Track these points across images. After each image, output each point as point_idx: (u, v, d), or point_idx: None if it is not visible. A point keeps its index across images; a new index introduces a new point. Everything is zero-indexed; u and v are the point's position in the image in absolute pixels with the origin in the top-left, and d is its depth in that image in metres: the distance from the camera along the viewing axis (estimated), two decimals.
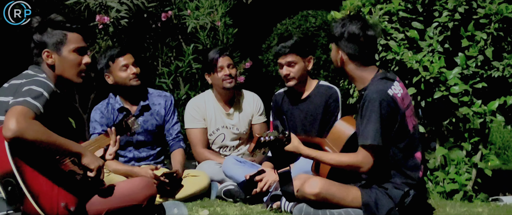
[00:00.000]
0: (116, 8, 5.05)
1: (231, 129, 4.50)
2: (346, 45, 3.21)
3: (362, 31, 3.20)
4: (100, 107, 4.30)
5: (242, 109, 4.53)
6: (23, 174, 2.56)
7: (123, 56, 4.18)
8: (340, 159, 3.21)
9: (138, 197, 2.96)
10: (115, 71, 4.18)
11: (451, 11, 4.10)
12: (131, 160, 4.29)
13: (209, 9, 5.39)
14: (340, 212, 3.16)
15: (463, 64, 4.06)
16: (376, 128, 3.07)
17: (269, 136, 3.22)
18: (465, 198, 4.01)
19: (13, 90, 2.72)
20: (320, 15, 6.35)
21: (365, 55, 3.24)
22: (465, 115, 4.08)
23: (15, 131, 2.49)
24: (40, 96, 2.64)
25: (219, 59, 4.37)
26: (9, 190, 2.54)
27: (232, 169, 4.19)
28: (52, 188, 2.65)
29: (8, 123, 2.50)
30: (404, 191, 3.15)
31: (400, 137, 3.16)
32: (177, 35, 5.54)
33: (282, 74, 4.10)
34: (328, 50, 5.86)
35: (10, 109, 2.55)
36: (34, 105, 2.59)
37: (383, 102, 3.08)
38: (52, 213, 2.61)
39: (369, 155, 3.11)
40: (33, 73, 2.84)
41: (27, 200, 2.55)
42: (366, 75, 3.23)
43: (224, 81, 4.37)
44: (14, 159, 2.55)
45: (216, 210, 3.63)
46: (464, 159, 4.13)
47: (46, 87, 2.70)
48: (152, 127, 4.28)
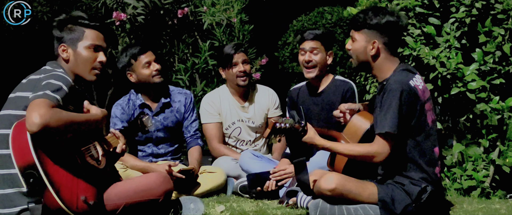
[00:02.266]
0: (133, 5, 5.09)
1: (246, 123, 4.52)
2: (383, 33, 3.21)
3: (397, 19, 3.21)
4: (121, 103, 4.32)
5: (257, 102, 4.54)
6: (45, 167, 2.59)
7: (144, 54, 4.21)
8: (354, 149, 3.19)
9: (155, 192, 2.98)
10: (138, 69, 4.20)
11: (468, 7, 4.07)
12: (149, 155, 4.33)
13: (225, 5, 5.41)
14: (356, 208, 3.15)
15: (481, 60, 4.04)
16: (395, 117, 3.06)
17: (285, 123, 3.18)
18: (482, 195, 3.99)
19: (31, 85, 2.76)
20: (336, 11, 6.35)
21: (396, 44, 3.26)
22: (482, 111, 4.06)
23: (40, 123, 2.52)
24: (60, 89, 2.68)
25: (235, 55, 4.38)
26: (31, 182, 2.57)
27: (249, 164, 4.20)
28: (73, 182, 2.68)
29: (32, 117, 2.53)
30: (421, 187, 3.13)
31: (419, 130, 3.15)
32: (193, 32, 5.56)
33: (302, 62, 4.08)
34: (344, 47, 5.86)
35: (30, 104, 2.59)
36: (53, 97, 2.63)
37: (404, 92, 3.08)
38: (72, 206, 2.63)
39: (385, 144, 3.09)
40: (50, 68, 2.87)
41: (48, 192, 2.58)
42: (391, 66, 3.23)
43: (238, 78, 4.40)
44: (36, 151, 2.58)
45: (232, 206, 3.64)
46: (482, 155, 4.10)
47: (65, 81, 2.75)
48: (171, 124, 4.31)
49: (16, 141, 2.60)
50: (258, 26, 5.68)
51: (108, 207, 2.86)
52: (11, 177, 2.68)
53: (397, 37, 3.25)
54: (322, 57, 4.09)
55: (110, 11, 5.17)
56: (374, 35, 3.21)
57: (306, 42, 4.09)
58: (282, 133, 3.20)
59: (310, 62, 4.06)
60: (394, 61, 3.25)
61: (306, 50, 4.08)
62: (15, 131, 2.62)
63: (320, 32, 4.13)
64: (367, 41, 3.23)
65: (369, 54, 3.23)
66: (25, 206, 2.66)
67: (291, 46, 6.28)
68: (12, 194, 2.70)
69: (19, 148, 2.59)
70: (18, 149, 2.59)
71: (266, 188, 3.94)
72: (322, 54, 4.09)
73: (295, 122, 3.20)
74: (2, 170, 2.71)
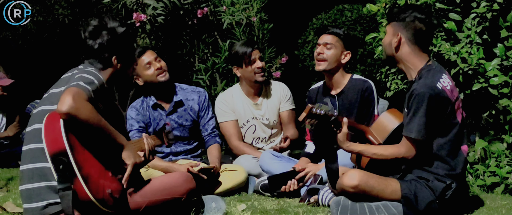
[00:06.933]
0: (153, 5, 5.11)
1: (260, 120, 4.54)
2: (408, 27, 3.23)
3: (427, 16, 3.23)
4: (136, 105, 4.36)
5: (269, 98, 4.57)
6: (75, 154, 2.63)
7: (143, 55, 4.22)
8: (383, 153, 3.23)
9: (178, 191, 3.02)
10: (141, 71, 4.22)
11: (490, 1, 4.03)
12: (168, 155, 4.35)
13: (244, 5, 5.42)
14: (378, 206, 3.14)
15: (503, 55, 4.00)
16: (422, 123, 3.08)
17: (321, 109, 3.23)
18: (506, 191, 3.95)
19: (65, 81, 2.84)
20: (356, 9, 6.32)
21: (424, 41, 3.26)
22: (505, 107, 4.02)
23: (70, 107, 2.59)
24: (92, 82, 2.76)
25: (252, 52, 4.41)
26: (60, 168, 2.61)
27: (269, 164, 4.20)
28: (101, 173, 2.73)
29: (65, 99, 2.60)
30: (446, 183, 3.12)
31: (448, 129, 3.16)
32: (213, 32, 5.58)
33: (315, 54, 4.08)
34: (365, 44, 5.84)
35: (65, 90, 2.66)
36: (86, 88, 2.70)
37: (431, 98, 3.08)
38: (98, 196, 2.66)
39: (412, 147, 3.14)
40: (82, 67, 2.96)
41: (77, 180, 2.62)
42: (418, 63, 3.24)
43: (256, 74, 4.42)
44: (68, 138, 2.62)
45: (253, 204, 3.65)
46: (505, 151, 4.07)
47: (97, 77, 2.83)
48: (187, 122, 4.33)
49: (49, 128, 2.65)
50: (277, 25, 5.68)
51: (131, 205, 2.89)
52: (41, 171, 2.73)
53: (424, 34, 3.24)
54: (335, 53, 4.03)
55: (130, 12, 5.20)
56: (400, 28, 3.25)
57: (323, 36, 4.07)
58: (316, 119, 3.25)
59: (320, 54, 4.04)
60: (421, 58, 3.25)
61: (320, 43, 4.07)
62: (48, 120, 2.67)
63: (340, 30, 4.10)
64: (393, 34, 3.27)
65: (392, 47, 3.26)
66: (52, 200, 2.71)
67: (311, 45, 6.27)
68: (40, 188, 2.74)
69: (51, 135, 2.63)
70: (51, 136, 2.63)
71: (288, 188, 3.94)
72: (336, 50, 4.03)
73: (328, 109, 3.24)
74: (33, 164, 2.76)
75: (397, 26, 3.27)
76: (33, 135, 2.80)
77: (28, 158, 2.80)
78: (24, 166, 2.81)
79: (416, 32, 3.22)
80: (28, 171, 2.79)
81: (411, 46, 3.24)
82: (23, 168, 2.82)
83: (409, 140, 3.14)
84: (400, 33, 3.24)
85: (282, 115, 4.58)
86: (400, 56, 3.27)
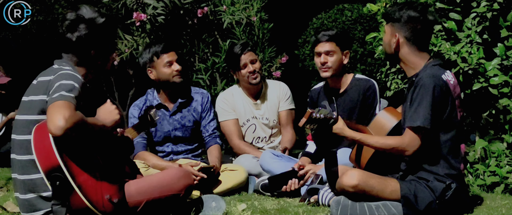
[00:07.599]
0: (153, 5, 5.11)
1: (260, 119, 4.55)
2: (404, 28, 3.22)
3: (422, 14, 3.21)
4: (138, 103, 4.37)
5: (269, 98, 4.58)
6: (69, 168, 2.62)
7: (167, 53, 4.24)
8: (385, 142, 3.20)
9: (176, 187, 3.00)
10: (158, 67, 4.24)
11: (490, 1, 4.03)
12: (169, 154, 4.36)
13: (244, 4, 5.42)
14: (378, 205, 3.14)
15: (503, 54, 4.00)
16: (428, 112, 3.06)
17: (320, 113, 3.25)
18: (506, 191, 3.95)
19: (43, 88, 2.76)
20: (356, 8, 6.32)
21: (422, 40, 3.24)
22: (505, 106, 4.02)
23: (65, 127, 2.52)
24: (73, 89, 2.68)
25: (242, 57, 4.42)
26: (57, 184, 2.59)
27: (270, 164, 4.21)
28: (96, 181, 2.71)
29: (56, 120, 2.52)
30: (446, 183, 3.12)
31: (450, 125, 3.15)
32: (213, 31, 5.57)
33: (318, 64, 4.08)
34: (365, 44, 5.84)
35: (50, 107, 2.59)
36: (70, 97, 2.62)
37: (436, 87, 3.08)
38: (98, 206, 2.67)
39: (416, 138, 3.10)
40: (57, 67, 2.87)
41: (75, 194, 2.61)
42: (419, 61, 3.23)
43: (249, 77, 4.43)
44: (60, 154, 2.60)
45: (253, 204, 3.65)
46: (505, 151, 4.06)
47: (76, 80, 2.75)
48: (189, 123, 4.33)
49: (39, 145, 2.62)
50: (277, 25, 5.68)
51: (130, 203, 2.88)
52: (32, 183, 2.73)
53: (421, 32, 3.23)
54: (337, 58, 4.05)
55: (130, 12, 5.20)
56: (397, 28, 3.25)
57: (321, 45, 4.07)
58: (316, 123, 3.27)
59: (325, 64, 4.05)
60: (422, 57, 3.25)
61: (321, 52, 4.06)
62: (37, 135, 2.64)
63: (334, 32, 4.07)
64: (391, 34, 3.26)
65: (392, 47, 3.26)
66: (47, 209, 2.70)
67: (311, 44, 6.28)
68: (33, 199, 2.75)
69: (43, 152, 2.61)
70: (42, 153, 2.61)
71: (288, 188, 3.94)
72: (337, 55, 4.05)
73: (328, 113, 3.26)
74: (23, 176, 2.76)
75: (394, 26, 3.26)
76: (20, 127, 2.78)
77: (18, 168, 2.79)
78: (15, 175, 2.81)
79: (413, 31, 3.21)
80: (20, 182, 2.78)
81: (410, 45, 3.24)
82: (14, 176, 2.82)
83: (413, 130, 3.09)
84: (398, 34, 3.24)
85: (280, 115, 4.58)
86: (400, 56, 3.27)
